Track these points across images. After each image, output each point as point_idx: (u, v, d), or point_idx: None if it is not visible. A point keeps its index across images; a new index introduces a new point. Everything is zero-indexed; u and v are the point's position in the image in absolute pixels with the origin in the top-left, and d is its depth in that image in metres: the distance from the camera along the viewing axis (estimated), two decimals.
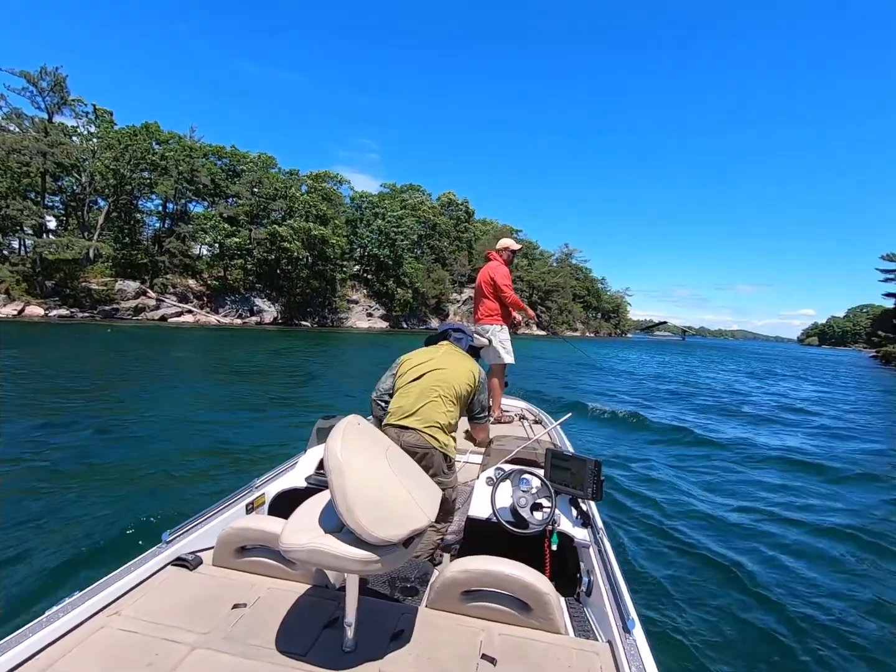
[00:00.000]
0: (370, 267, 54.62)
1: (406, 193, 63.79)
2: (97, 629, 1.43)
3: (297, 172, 50.53)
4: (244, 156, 46.50)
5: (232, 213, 42.23)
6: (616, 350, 43.33)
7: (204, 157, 43.98)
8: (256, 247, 42.30)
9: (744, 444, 8.36)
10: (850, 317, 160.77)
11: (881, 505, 5.57)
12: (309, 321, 46.09)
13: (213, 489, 4.57)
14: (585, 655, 1.46)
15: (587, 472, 2.25)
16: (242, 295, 42.62)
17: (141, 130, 39.09)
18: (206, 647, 1.37)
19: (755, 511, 5.03)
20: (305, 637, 1.44)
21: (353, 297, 52.09)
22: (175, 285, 38.58)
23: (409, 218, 55.62)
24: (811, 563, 3.96)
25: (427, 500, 1.48)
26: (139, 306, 35.21)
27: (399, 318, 54.78)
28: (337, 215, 50.18)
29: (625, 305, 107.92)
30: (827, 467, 7.02)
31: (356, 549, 1.26)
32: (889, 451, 8.66)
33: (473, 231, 69.37)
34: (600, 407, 10.64)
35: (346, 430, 1.39)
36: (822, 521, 4.87)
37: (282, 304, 44.76)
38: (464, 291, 66.81)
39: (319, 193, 47.74)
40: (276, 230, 41.91)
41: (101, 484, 4.70)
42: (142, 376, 11.35)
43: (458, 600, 1.61)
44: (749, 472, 6.60)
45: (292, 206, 44.94)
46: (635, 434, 8.69)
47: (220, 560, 1.80)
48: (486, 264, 4.62)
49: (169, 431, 6.56)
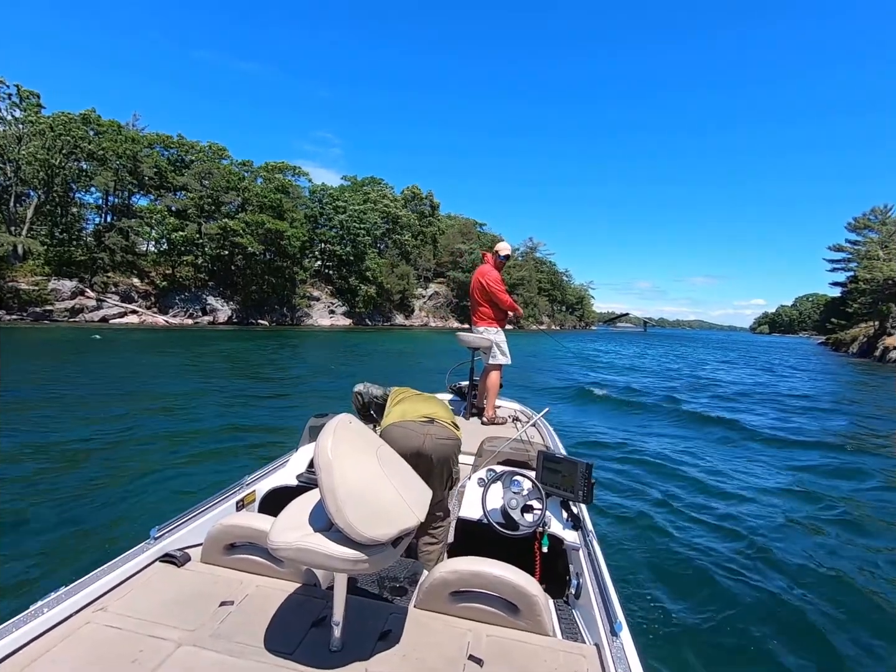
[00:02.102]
0: (332, 263, 52.81)
1: (368, 186, 62.11)
2: (83, 624, 1.42)
3: (250, 163, 48.13)
4: (193, 145, 43.85)
5: (180, 207, 39.70)
6: (587, 342, 43.34)
7: (149, 147, 41.21)
8: (207, 242, 39.92)
9: (741, 443, 8.16)
10: (796, 305, 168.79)
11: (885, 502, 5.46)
12: (267, 320, 44.07)
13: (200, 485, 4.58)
14: (572, 658, 1.46)
15: (578, 474, 2.25)
16: (193, 293, 40.20)
17: (76, 118, 36.09)
18: (193, 645, 1.37)
19: (745, 514, 4.94)
20: (292, 636, 1.44)
21: (314, 293, 50.25)
22: (117, 284, 35.88)
23: (372, 212, 54.09)
24: (802, 567, 3.90)
25: (417, 500, 1.46)
26: (76, 307, 32.46)
27: (363, 315, 53.29)
28: (295, 209, 48.14)
29: (588, 298, 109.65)
30: (827, 465, 6.89)
31: (344, 548, 1.25)
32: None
33: (438, 225, 68.32)
34: (591, 400, 10.71)
35: (338, 428, 1.37)
36: (816, 523, 4.80)
37: (237, 303, 42.57)
38: (429, 286, 65.82)
39: (275, 185, 45.61)
40: (228, 224, 39.67)
41: (87, 480, 4.69)
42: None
43: (447, 601, 1.60)
44: (743, 474, 6.41)
45: (246, 199, 42.73)
46: (626, 435, 8.43)
47: (209, 557, 1.78)
48: (479, 267, 4.73)
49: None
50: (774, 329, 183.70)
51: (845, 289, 57.58)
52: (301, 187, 52.11)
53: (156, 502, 4.32)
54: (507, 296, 4.59)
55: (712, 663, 2.76)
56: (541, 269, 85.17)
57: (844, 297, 54.29)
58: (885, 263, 35.47)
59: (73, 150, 34.31)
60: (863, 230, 59.44)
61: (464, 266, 64.21)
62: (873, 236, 54.05)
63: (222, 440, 6.63)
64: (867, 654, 2.91)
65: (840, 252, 63.21)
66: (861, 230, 59.66)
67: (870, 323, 39.84)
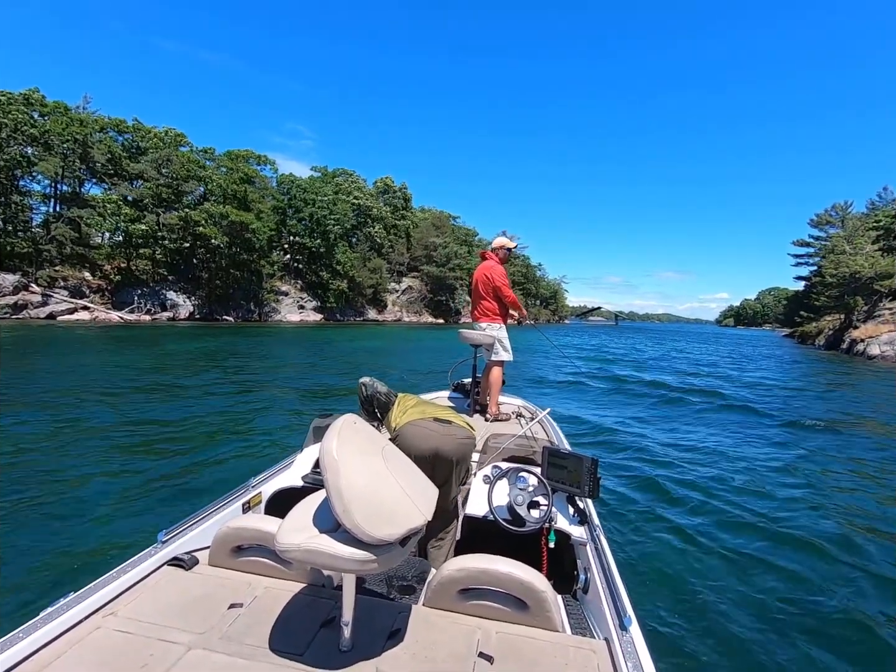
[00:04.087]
0: (301, 256, 50.94)
1: (340, 178, 60.24)
2: (92, 630, 1.42)
3: (212, 151, 45.74)
4: (149, 131, 41.29)
5: (137, 196, 37.29)
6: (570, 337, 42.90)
7: (101, 132, 38.53)
8: (167, 234, 37.65)
9: (746, 435, 8.20)
10: (759, 299, 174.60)
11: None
12: (232, 315, 42.11)
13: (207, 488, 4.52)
14: (582, 653, 1.45)
15: (584, 469, 2.24)
16: (152, 288, 37.96)
17: (17, 97, 33.28)
18: (202, 648, 1.36)
19: (754, 505, 4.90)
20: (302, 637, 1.43)
21: (282, 288, 48.37)
22: (66, 278, 33.45)
23: (343, 203, 52.37)
24: (815, 559, 3.85)
25: (423, 499, 1.46)
26: (19, 303, 30.03)
27: (334, 310, 51.68)
28: (262, 200, 46.08)
29: (562, 292, 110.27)
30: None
31: (352, 548, 1.25)
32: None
33: (411, 219, 66.96)
34: (594, 397, 10.70)
35: (343, 429, 1.37)
36: (826, 514, 4.73)
37: (200, 298, 40.47)
38: (402, 281, 64.56)
39: (239, 175, 43.46)
40: (189, 215, 37.51)
41: (93, 485, 4.69)
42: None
43: (455, 599, 1.60)
44: (751, 465, 6.39)
45: (208, 189, 40.54)
46: (632, 428, 8.37)
47: (216, 560, 1.79)
48: (481, 263, 4.69)
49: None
50: (739, 322, 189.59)
51: (809, 283, 59.32)
52: (267, 177, 49.98)
53: (158, 507, 4.25)
54: (511, 292, 4.59)
55: (724, 656, 2.71)
56: (514, 263, 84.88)
57: (808, 291, 55.80)
58: (852, 258, 36.27)
59: (13, 133, 31.61)
60: (824, 226, 61.57)
61: (438, 260, 63.15)
62: (835, 231, 55.69)
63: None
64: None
65: (805, 247, 65.23)
66: (823, 226, 61.77)
67: (835, 316, 40.91)
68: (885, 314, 32.21)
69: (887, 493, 5.59)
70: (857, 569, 3.75)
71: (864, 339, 29.35)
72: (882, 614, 3.15)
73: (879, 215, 46.82)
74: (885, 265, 34.46)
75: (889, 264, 34.47)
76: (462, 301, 67.83)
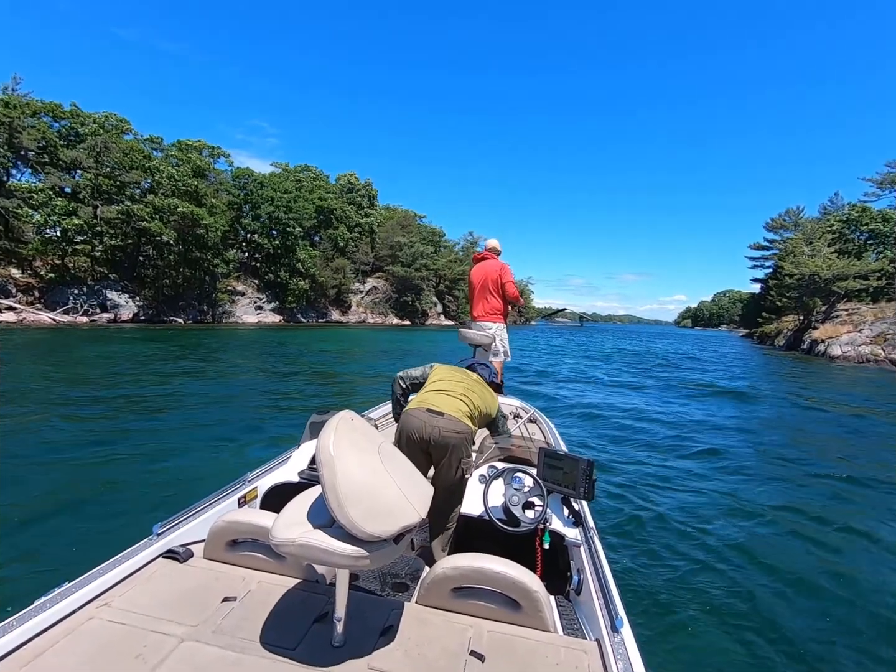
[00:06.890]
0: (259, 255, 48.31)
1: (302, 174, 57.79)
2: (86, 620, 1.42)
3: (160, 140, 42.67)
4: (88, 116, 38.00)
5: (71, 187, 34.09)
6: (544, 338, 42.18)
7: (33, 116, 35.06)
8: (106, 229, 34.58)
9: (747, 436, 8.14)
10: (715, 300, 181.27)
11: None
12: (182, 317, 39.29)
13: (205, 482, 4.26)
14: (573, 653, 1.46)
15: (580, 471, 2.24)
16: (91, 287, 34.81)
17: None
18: (195, 640, 1.37)
19: (747, 510, 4.87)
20: (294, 631, 1.44)
21: (238, 288, 45.67)
22: None
23: (304, 201, 50.05)
24: (813, 561, 3.85)
25: (418, 497, 1.46)
26: None
27: (294, 311, 49.29)
28: (216, 194, 43.29)
29: (529, 294, 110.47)
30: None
31: (346, 544, 1.26)
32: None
33: (376, 217, 65.07)
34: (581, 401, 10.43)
35: (339, 425, 1.37)
36: (823, 521, 4.67)
37: (145, 298, 37.48)
38: (367, 281, 62.63)
39: (190, 167, 40.64)
40: (131, 208, 34.60)
41: (88, 476, 4.69)
42: None
43: (448, 597, 1.60)
44: (742, 469, 6.31)
45: (155, 181, 37.60)
46: (625, 432, 8.29)
47: (211, 553, 1.78)
48: (481, 262, 4.88)
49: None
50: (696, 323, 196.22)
51: (765, 285, 61.16)
52: (222, 171, 47.12)
53: (157, 499, 4.24)
54: (516, 288, 4.70)
55: (713, 658, 2.72)
56: None
57: (764, 293, 57.40)
58: (811, 259, 37.09)
59: None
60: (779, 230, 63.89)
61: (403, 260, 61.54)
62: (789, 235, 57.57)
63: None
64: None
65: (762, 250, 67.44)
66: (777, 230, 64.11)
67: (793, 317, 41.89)
68: (843, 315, 32.96)
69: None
70: (855, 570, 3.73)
71: (825, 339, 29.76)
72: (875, 621, 3.12)
73: (832, 220, 48.59)
74: (841, 267, 35.37)
75: (845, 266, 35.41)
76: (429, 302, 66.43)
